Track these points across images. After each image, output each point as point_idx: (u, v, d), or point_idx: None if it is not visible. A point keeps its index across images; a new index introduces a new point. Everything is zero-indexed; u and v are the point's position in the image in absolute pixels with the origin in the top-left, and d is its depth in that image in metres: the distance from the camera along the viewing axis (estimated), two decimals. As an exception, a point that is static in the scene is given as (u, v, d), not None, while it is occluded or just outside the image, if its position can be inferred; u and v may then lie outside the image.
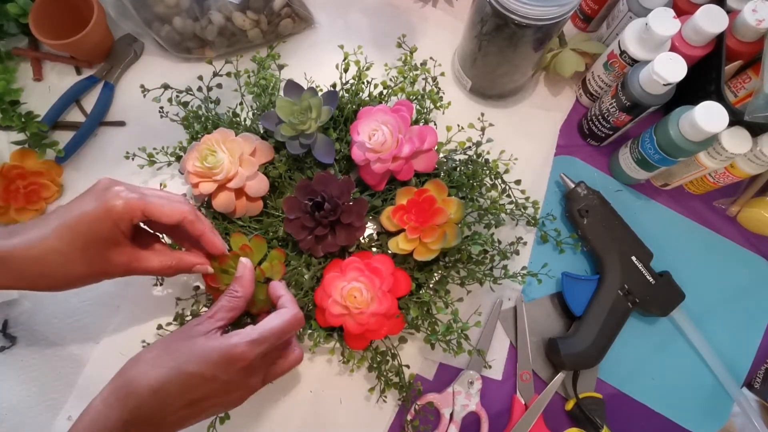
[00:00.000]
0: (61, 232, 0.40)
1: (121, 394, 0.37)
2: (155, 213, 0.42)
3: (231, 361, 0.38)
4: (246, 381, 0.40)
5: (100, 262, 0.42)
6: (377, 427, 0.56)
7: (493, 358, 0.58)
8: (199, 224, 0.44)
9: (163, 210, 0.42)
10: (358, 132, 0.51)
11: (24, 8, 0.61)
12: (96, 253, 0.41)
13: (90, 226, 0.40)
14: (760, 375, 0.59)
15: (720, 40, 0.54)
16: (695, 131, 0.51)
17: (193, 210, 0.45)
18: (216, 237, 0.46)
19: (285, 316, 0.42)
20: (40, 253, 0.39)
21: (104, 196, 0.40)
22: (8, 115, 0.59)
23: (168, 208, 0.42)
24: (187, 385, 0.37)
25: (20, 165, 0.59)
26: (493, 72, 0.61)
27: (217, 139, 0.50)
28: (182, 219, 0.43)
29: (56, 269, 0.40)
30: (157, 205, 0.42)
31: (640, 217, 0.62)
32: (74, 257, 0.40)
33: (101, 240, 0.41)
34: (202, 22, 0.61)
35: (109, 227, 0.40)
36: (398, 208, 0.50)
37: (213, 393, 0.38)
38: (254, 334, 0.39)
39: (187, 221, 0.44)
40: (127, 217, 0.41)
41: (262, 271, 0.49)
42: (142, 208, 0.41)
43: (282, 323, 0.41)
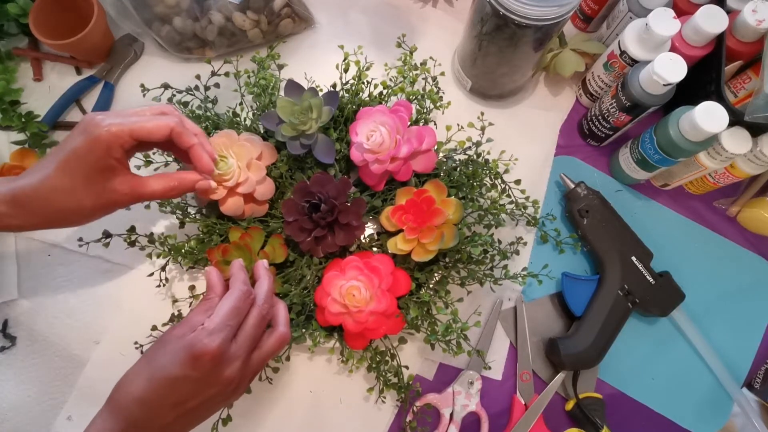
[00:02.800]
0: (60, 170, 0.41)
1: (114, 409, 0.39)
2: (142, 133, 0.42)
3: (195, 358, 0.38)
4: (222, 373, 0.39)
5: (105, 192, 0.43)
6: (377, 428, 0.56)
7: (493, 359, 0.58)
8: (186, 137, 0.44)
9: (149, 128, 0.42)
10: (356, 133, 0.51)
11: (24, 8, 0.61)
12: (99, 183, 0.42)
13: (84, 159, 0.41)
14: (760, 375, 0.59)
15: (720, 41, 0.54)
16: (695, 131, 0.51)
17: (181, 121, 0.44)
18: (203, 153, 0.46)
19: (232, 295, 0.41)
20: (48, 192, 0.41)
21: (88, 129, 0.41)
22: (8, 115, 0.59)
23: (153, 124, 0.42)
24: (164, 390, 0.38)
25: (20, 165, 0.59)
26: (493, 72, 0.61)
27: (225, 143, 0.50)
28: (170, 132, 0.43)
29: (66, 204, 0.42)
30: (141, 125, 0.42)
31: (640, 217, 0.62)
32: (80, 191, 0.42)
33: (99, 170, 0.42)
34: (202, 22, 0.61)
35: (101, 157, 0.41)
36: (397, 208, 0.50)
37: (191, 393, 0.39)
38: (210, 324, 0.39)
39: (175, 133, 0.44)
40: (116, 144, 0.41)
41: (266, 254, 0.50)
42: (127, 131, 0.41)
43: (231, 302, 0.41)
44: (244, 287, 0.42)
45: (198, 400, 0.39)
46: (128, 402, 0.38)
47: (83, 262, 0.59)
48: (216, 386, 0.39)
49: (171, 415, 0.38)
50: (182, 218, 0.55)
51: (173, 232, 0.57)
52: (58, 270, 0.59)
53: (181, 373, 0.38)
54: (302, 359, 0.57)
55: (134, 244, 0.55)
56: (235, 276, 0.44)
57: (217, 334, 0.38)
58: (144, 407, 0.38)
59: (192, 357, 0.38)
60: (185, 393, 0.38)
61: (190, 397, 0.39)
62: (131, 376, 0.40)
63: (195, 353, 0.38)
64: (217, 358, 0.38)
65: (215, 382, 0.39)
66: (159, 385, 0.38)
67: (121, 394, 0.39)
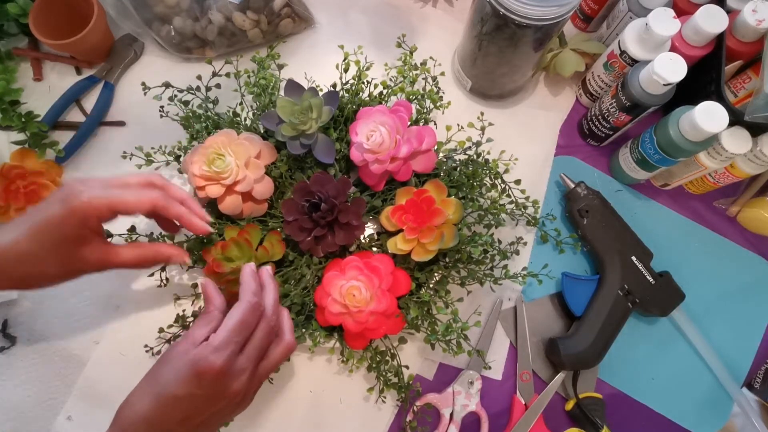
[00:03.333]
0: (31, 236, 0.40)
1: (120, 429, 0.39)
2: (122, 208, 0.41)
3: (201, 375, 0.37)
4: (229, 387, 0.39)
5: (72, 261, 0.42)
6: (377, 428, 0.56)
7: (493, 359, 0.58)
8: (173, 208, 0.43)
9: (130, 203, 0.41)
10: (356, 133, 0.51)
11: (24, 8, 0.61)
12: (66, 252, 0.41)
13: (57, 228, 0.40)
14: (760, 375, 0.59)
15: (720, 40, 0.54)
16: (695, 131, 0.51)
17: (164, 195, 0.43)
18: (194, 218, 0.45)
19: (240, 308, 0.40)
20: (14, 257, 0.40)
21: (68, 199, 0.40)
22: (8, 115, 0.59)
23: (134, 199, 0.42)
24: (170, 408, 0.38)
25: (20, 165, 0.59)
26: (493, 72, 0.61)
27: (224, 141, 0.50)
28: (153, 207, 0.43)
29: (31, 270, 0.41)
30: (122, 199, 0.41)
31: (640, 217, 0.62)
32: (46, 258, 0.41)
33: (69, 240, 0.41)
34: (202, 22, 0.61)
35: (75, 228, 0.40)
36: (397, 208, 0.50)
37: (198, 409, 0.38)
38: (215, 340, 0.38)
39: (160, 208, 0.43)
40: (93, 216, 0.41)
41: (265, 249, 0.50)
42: (105, 205, 0.41)
43: (238, 315, 0.40)
44: (254, 299, 0.41)
45: (205, 415, 0.39)
46: (135, 421, 0.38)
47: (83, 262, 0.59)
48: (223, 400, 0.39)
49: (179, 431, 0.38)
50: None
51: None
52: (58, 270, 0.59)
53: (186, 391, 0.37)
54: (302, 359, 0.57)
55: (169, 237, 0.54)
56: (246, 285, 0.42)
57: (223, 351, 0.38)
58: (151, 426, 0.38)
59: (196, 374, 0.37)
60: (191, 410, 0.38)
61: (196, 413, 0.38)
62: (137, 394, 0.39)
63: (199, 370, 0.37)
64: (223, 374, 0.38)
65: (222, 396, 0.39)
66: (165, 403, 0.38)
67: (127, 412, 0.39)
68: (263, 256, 0.50)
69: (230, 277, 0.47)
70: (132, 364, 0.56)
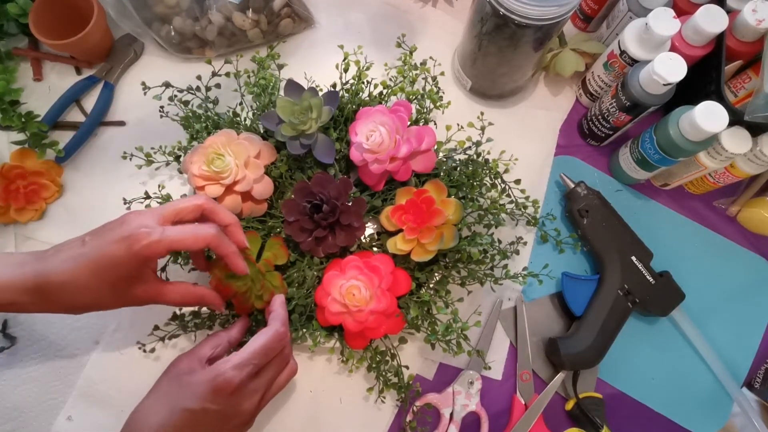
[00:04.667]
0: (92, 270, 0.41)
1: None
2: (180, 247, 0.42)
3: (217, 391, 0.39)
4: (240, 406, 0.40)
5: (127, 296, 0.43)
6: (377, 428, 0.56)
7: (493, 359, 0.58)
8: (224, 247, 0.44)
9: (188, 243, 0.42)
10: (356, 132, 0.51)
11: (24, 8, 0.61)
12: (124, 288, 0.43)
13: (119, 268, 0.41)
14: (760, 375, 0.59)
15: (720, 40, 0.54)
16: (695, 131, 0.51)
17: (219, 233, 0.44)
18: (240, 260, 0.46)
19: (267, 334, 0.42)
20: (75, 289, 0.41)
21: (133, 243, 0.40)
22: (8, 115, 0.59)
23: (192, 239, 0.42)
24: (183, 423, 0.39)
25: (20, 165, 0.59)
26: (493, 72, 0.61)
27: (223, 141, 0.50)
28: (207, 245, 0.44)
29: (89, 302, 0.43)
30: (181, 240, 0.42)
31: (640, 217, 0.62)
32: (104, 293, 0.42)
33: (129, 279, 0.42)
34: (202, 22, 0.61)
35: (136, 269, 0.42)
36: (397, 208, 0.50)
37: (210, 425, 0.39)
38: (236, 358, 0.40)
39: (213, 246, 0.44)
40: (154, 259, 0.42)
41: (268, 262, 0.50)
42: (167, 247, 0.41)
43: (265, 341, 0.42)
44: (282, 329, 0.43)
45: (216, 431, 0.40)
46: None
47: (83, 262, 0.59)
48: (234, 418, 0.40)
49: None
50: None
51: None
52: (58, 270, 0.59)
53: (201, 405, 0.38)
54: (302, 359, 0.57)
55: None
56: (276, 314, 0.45)
57: (242, 370, 0.40)
58: None
59: (213, 390, 0.39)
60: (204, 425, 0.39)
61: (209, 428, 0.39)
62: (148, 407, 0.40)
63: (216, 386, 0.39)
64: (239, 391, 0.39)
65: (233, 414, 0.40)
66: (180, 417, 0.39)
67: (139, 425, 0.39)
68: (267, 266, 0.50)
69: (240, 297, 0.48)
70: (132, 364, 0.56)
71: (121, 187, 0.60)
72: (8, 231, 0.60)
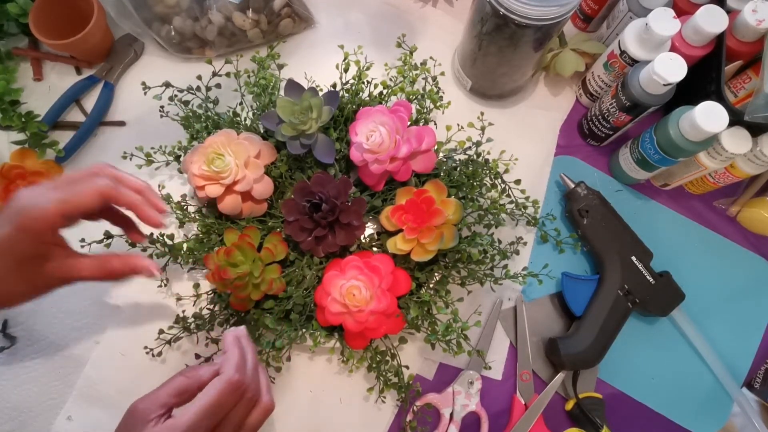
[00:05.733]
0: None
1: None
2: (73, 210, 0.39)
3: None
4: None
5: (38, 277, 0.40)
6: (377, 428, 0.56)
7: (493, 359, 0.58)
8: (124, 196, 0.41)
9: (77, 201, 0.39)
10: (356, 133, 0.51)
11: (24, 8, 0.61)
12: (30, 270, 0.40)
13: (13, 249, 0.39)
14: (760, 375, 0.59)
15: (720, 40, 0.54)
16: (695, 131, 0.51)
17: (111, 183, 0.40)
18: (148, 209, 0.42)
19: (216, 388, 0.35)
20: None
21: (16, 219, 0.38)
22: (8, 115, 0.59)
23: (79, 196, 0.39)
24: None
25: (20, 165, 0.59)
26: (493, 72, 0.61)
27: (223, 141, 0.50)
28: (102, 197, 0.40)
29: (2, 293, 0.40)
30: (69, 201, 0.39)
31: (640, 217, 0.62)
32: (11, 278, 0.40)
33: (30, 258, 0.39)
34: (202, 22, 0.61)
35: (31, 245, 0.39)
36: (397, 208, 0.50)
37: None
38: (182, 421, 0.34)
39: (110, 197, 0.40)
40: (47, 230, 0.39)
41: (269, 251, 0.50)
42: (56, 213, 0.38)
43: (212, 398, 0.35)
44: (236, 376, 0.36)
45: None
46: None
47: (83, 262, 0.59)
48: None
49: None
50: (182, 218, 0.56)
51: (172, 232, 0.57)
52: (58, 270, 0.59)
53: None
54: (302, 359, 0.57)
55: (135, 245, 0.55)
56: (228, 357, 0.38)
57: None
58: None
59: None
60: None
61: None
62: None
63: None
64: None
65: None
66: None
67: None
68: (267, 257, 0.50)
69: (238, 283, 0.47)
70: (132, 364, 0.56)
71: (121, 187, 0.60)
72: (8, 231, 0.60)
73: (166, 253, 0.54)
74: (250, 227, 0.51)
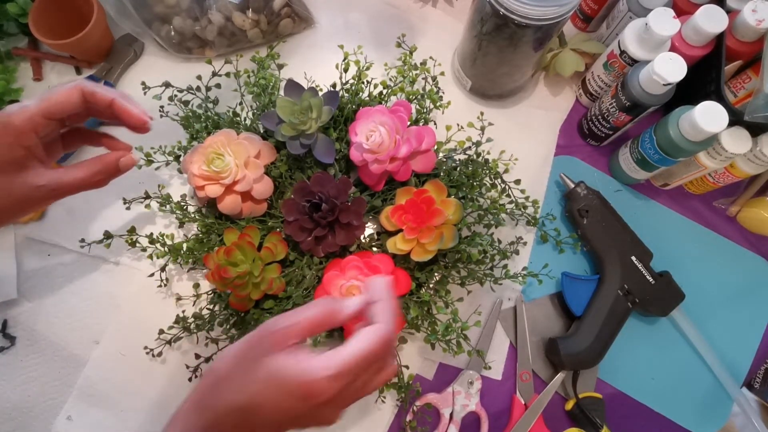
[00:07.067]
0: None
1: (200, 407, 0.36)
2: (53, 108, 0.39)
3: (308, 397, 0.33)
4: (322, 413, 0.35)
5: (16, 188, 0.39)
6: (377, 428, 0.56)
7: (492, 358, 0.58)
8: (101, 93, 0.41)
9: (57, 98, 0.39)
10: (356, 133, 0.51)
11: (24, 8, 0.61)
12: (8, 178, 0.39)
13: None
14: (760, 375, 0.59)
15: (720, 40, 0.54)
16: (695, 131, 0.51)
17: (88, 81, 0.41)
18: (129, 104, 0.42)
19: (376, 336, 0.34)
20: None
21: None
22: (8, 115, 0.59)
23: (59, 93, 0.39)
24: (265, 411, 0.34)
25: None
26: (493, 72, 0.61)
27: (223, 141, 0.50)
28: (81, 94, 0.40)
29: None
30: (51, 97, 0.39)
31: (640, 217, 0.62)
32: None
33: (7, 163, 0.38)
34: (202, 22, 0.61)
35: (9, 147, 0.38)
36: (397, 208, 0.50)
37: (289, 422, 0.35)
38: (334, 365, 0.33)
39: (87, 93, 0.41)
40: (28, 130, 0.38)
41: (269, 250, 0.50)
42: (37, 112, 0.38)
43: (371, 347, 0.33)
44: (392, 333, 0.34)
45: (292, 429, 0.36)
46: (217, 407, 0.35)
47: (83, 262, 0.59)
48: (315, 421, 0.36)
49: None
50: (181, 218, 0.56)
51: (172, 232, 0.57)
52: (58, 270, 0.59)
53: (284, 404, 0.34)
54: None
55: (135, 245, 0.55)
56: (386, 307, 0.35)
57: (340, 381, 0.33)
58: (231, 418, 0.35)
59: (304, 395, 0.33)
60: (283, 420, 0.35)
61: (286, 424, 0.35)
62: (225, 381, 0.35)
63: (308, 393, 0.33)
64: (330, 402, 0.33)
65: (316, 418, 0.36)
66: (261, 405, 0.34)
67: (217, 400, 0.35)
68: (267, 256, 0.50)
69: (238, 282, 0.47)
70: (132, 364, 0.56)
71: (121, 187, 0.60)
72: (8, 231, 0.60)
73: (166, 253, 0.54)
74: (250, 227, 0.51)
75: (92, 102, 0.42)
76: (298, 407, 0.33)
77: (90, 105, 0.42)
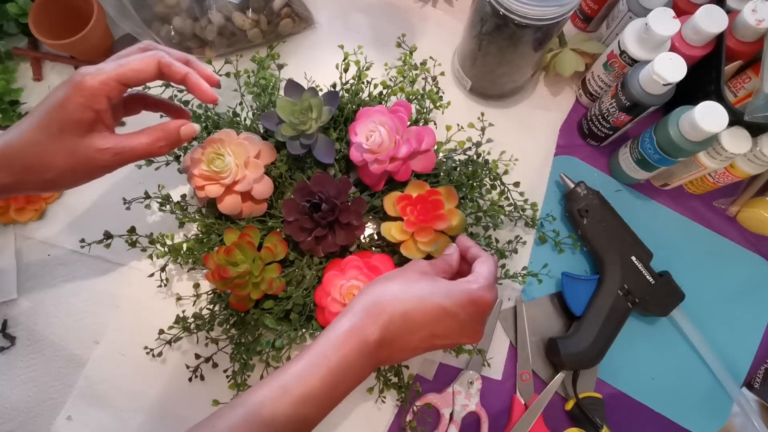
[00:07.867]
0: (36, 123, 0.39)
1: (374, 312, 0.39)
2: (129, 74, 0.39)
3: (474, 304, 0.40)
4: (478, 325, 0.41)
5: (80, 149, 0.39)
6: (377, 428, 0.56)
7: (493, 359, 0.58)
8: (176, 67, 0.42)
9: (134, 67, 0.39)
10: (355, 133, 0.51)
11: (24, 8, 0.61)
12: (74, 139, 0.39)
13: (61, 111, 0.38)
14: (760, 375, 0.59)
15: (720, 40, 0.54)
16: (695, 131, 0.51)
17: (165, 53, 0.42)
18: (201, 81, 0.43)
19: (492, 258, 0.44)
20: (21, 146, 0.39)
21: (73, 79, 0.38)
22: (8, 115, 0.59)
23: (137, 62, 0.39)
24: (431, 316, 0.39)
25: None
26: (493, 72, 0.61)
27: (223, 141, 0.50)
28: (158, 67, 0.41)
29: (35, 160, 0.39)
30: (127, 65, 0.39)
31: (640, 217, 0.62)
32: (51, 146, 0.39)
33: (75, 123, 0.39)
34: (202, 22, 0.61)
35: (80, 108, 0.38)
36: (405, 197, 0.50)
37: (451, 329, 0.40)
38: (484, 281, 0.41)
39: (163, 66, 0.41)
40: (101, 93, 0.39)
41: (269, 250, 0.50)
42: (112, 77, 0.38)
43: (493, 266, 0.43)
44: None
45: (449, 338, 0.40)
46: (393, 311, 0.39)
47: (83, 262, 0.59)
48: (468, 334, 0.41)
49: (421, 339, 0.39)
50: (181, 218, 0.56)
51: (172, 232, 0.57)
52: (58, 270, 0.59)
53: (453, 309, 0.39)
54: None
55: (135, 245, 0.55)
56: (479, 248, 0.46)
57: (494, 291, 0.42)
58: (405, 322, 0.39)
59: (472, 302, 0.40)
60: (445, 327, 0.40)
61: (446, 332, 0.40)
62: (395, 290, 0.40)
63: (475, 300, 0.40)
64: (490, 308, 0.41)
65: (470, 330, 0.41)
66: (431, 311, 0.39)
67: (388, 305, 0.39)
68: (267, 256, 0.50)
69: (238, 282, 0.47)
70: (132, 364, 0.56)
71: (121, 187, 0.60)
72: (8, 231, 0.60)
73: (166, 253, 0.54)
74: (250, 227, 0.51)
75: (167, 74, 0.42)
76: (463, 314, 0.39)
77: (164, 76, 0.42)
